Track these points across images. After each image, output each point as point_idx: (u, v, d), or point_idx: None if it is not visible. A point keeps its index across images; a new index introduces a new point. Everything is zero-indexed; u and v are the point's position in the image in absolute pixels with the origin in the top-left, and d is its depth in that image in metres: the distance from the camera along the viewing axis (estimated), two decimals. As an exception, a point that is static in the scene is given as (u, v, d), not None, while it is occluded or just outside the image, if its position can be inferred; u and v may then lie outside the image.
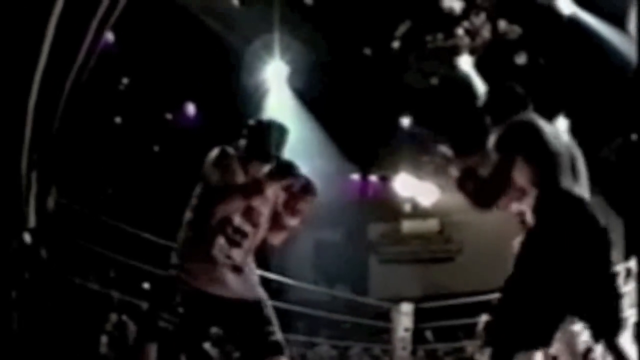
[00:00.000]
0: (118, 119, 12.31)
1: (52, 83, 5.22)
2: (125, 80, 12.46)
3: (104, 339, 8.01)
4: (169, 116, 13.29)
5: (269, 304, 4.91)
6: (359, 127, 15.32)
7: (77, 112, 5.90)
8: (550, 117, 15.92)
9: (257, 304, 4.83)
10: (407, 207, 17.64)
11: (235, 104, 13.40)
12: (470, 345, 14.29)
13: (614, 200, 13.60)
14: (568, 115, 15.34)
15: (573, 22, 13.97)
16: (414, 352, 14.04)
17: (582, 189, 4.49)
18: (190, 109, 13.30)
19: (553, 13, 13.91)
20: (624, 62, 13.14)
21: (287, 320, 8.38)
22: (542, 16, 14.06)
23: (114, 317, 8.53)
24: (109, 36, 8.65)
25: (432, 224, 17.91)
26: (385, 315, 14.27)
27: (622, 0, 11.98)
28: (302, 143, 13.77)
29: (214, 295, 4.70)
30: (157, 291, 4.62)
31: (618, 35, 13.43)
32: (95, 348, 7.56)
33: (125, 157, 11.65)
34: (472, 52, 15.28)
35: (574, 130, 14.91)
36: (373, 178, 16.88)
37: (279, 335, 4.82)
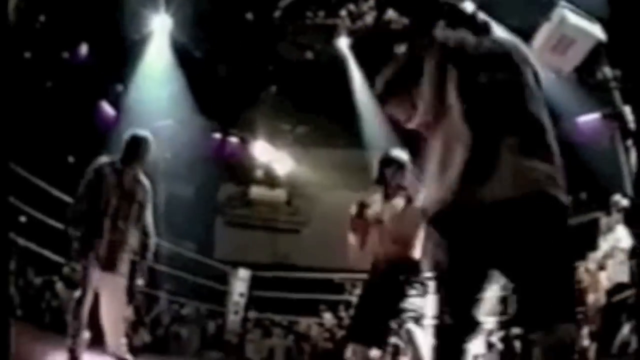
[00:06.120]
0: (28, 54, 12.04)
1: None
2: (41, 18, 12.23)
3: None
4: (65, 55, 13.02)
5: None
6: (228, 87, 15.24)
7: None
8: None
9: None
10: (260, 173, 17.72)
11: (123, 47, 13.28)
12: (303, 321, 14.58)
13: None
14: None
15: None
16: (245, 319, 14.22)
17: None
18: (84, 49, 13.05)
19: (454, 11, 14.10)
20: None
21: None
22: (440, 13, 14.23)
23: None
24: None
25: (279, 193, 18.03)
26: (224, 278, 14.37)
27: (534, 17, 12.17)
28: (170, 98, 13.70)
29: None
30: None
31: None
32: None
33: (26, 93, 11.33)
34: (350, 34, 15.42)
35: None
36: (233, 139, 16.80)
37: None
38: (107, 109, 14.12)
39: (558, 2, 9.59)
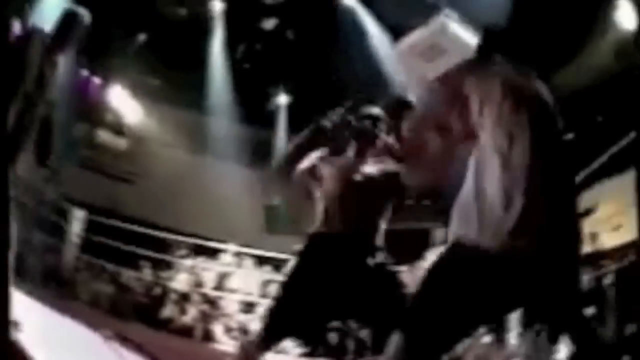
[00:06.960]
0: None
1: None
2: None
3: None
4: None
5: None
6: (101, 28, 15.05)
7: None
8: (274, 87, 16.47)
9: None
10: (110, 118, 17.58)
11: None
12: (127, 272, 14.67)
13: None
14: (288, 91, 16.40)
15: (345, 13, 14.59)
16: (78, 259, 14.22)
17: None
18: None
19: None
20: (370, 71, 13.93)
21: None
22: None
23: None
24: None
25: (121, 142, 17.91)
26: (66, 215, 14.28)
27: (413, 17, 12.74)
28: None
29: None
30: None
31: (386, 44, 14.20)
32: None
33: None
34: (224, -2, 15.69)
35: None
36: (96, 79, 16.62)
37: None
38: (17, 27, 13.72)
39: (442, 8, 10.22)
